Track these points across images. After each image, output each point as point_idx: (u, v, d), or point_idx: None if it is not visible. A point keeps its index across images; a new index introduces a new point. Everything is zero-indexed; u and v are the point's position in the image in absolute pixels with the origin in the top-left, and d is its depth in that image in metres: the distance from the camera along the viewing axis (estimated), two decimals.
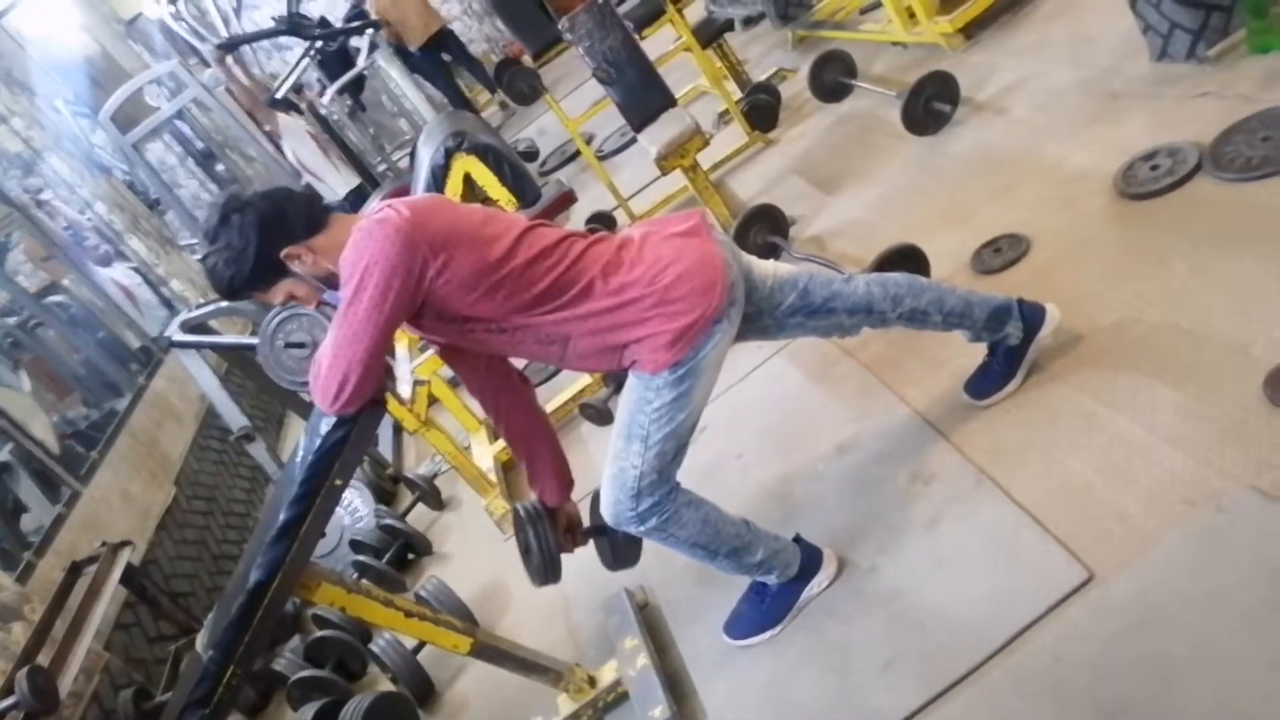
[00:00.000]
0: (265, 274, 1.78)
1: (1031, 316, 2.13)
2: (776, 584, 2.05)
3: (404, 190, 3.74)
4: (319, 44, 6.93)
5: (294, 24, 6.69)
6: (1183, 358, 1.97)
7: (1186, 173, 2.37)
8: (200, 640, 1.99)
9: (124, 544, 3.43)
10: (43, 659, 2.80)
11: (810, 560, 2.07)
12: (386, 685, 2.84)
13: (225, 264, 1.75)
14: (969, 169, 3.20)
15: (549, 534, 2.03)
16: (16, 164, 6.05)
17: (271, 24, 7.28)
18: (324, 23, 8.42)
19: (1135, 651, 1.56)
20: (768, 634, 2.07)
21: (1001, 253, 2.65)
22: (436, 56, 8.35)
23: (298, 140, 6.30)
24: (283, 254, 1.76)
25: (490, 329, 1.80)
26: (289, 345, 3.05)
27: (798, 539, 2.09)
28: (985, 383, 2.20)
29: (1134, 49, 2.93)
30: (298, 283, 1.80)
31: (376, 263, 1.64)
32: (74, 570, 3.31)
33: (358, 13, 8.33)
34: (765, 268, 1.97)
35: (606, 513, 1.92)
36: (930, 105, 3.49)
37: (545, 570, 2.05)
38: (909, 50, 4.31)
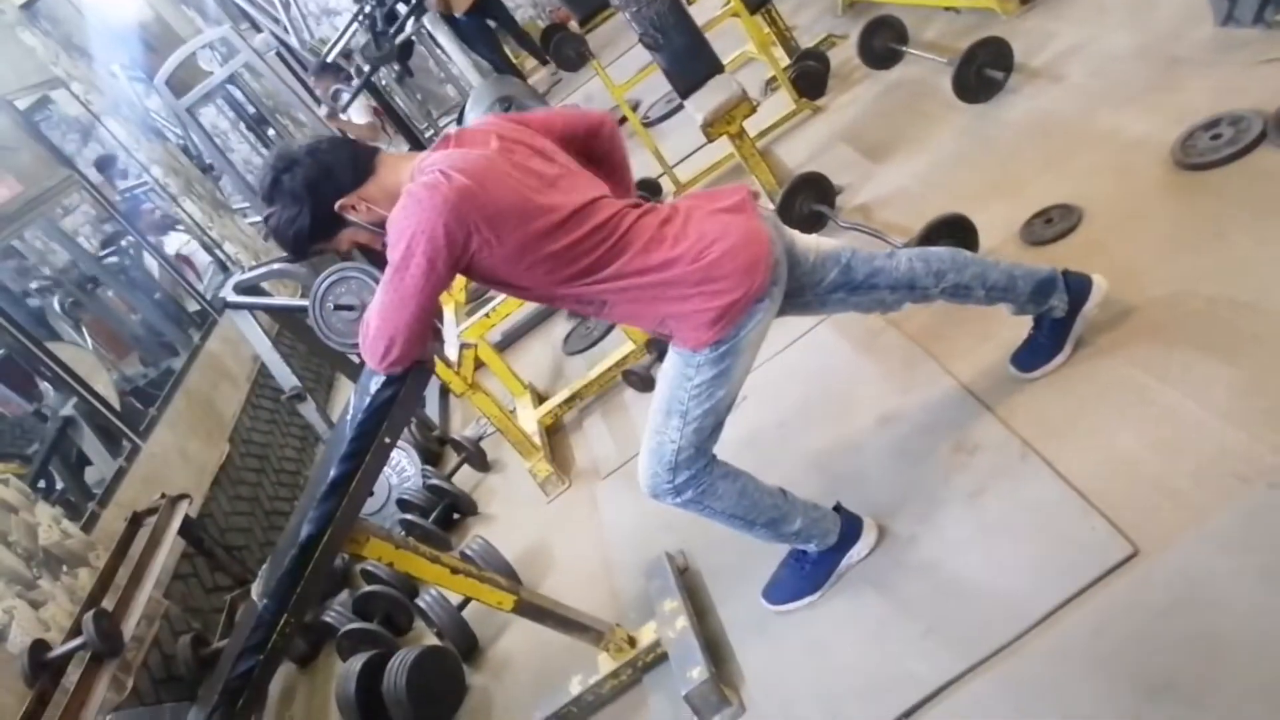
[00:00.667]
0: (325, 228, 1.83)
1: (1078, 288, 2.10)
2: (816, 551, 2.07)
3: None
4: (369, 9, 6.96)
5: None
6: (1239, 332, 1.93)
7: (1249, 142, 2.30)
8: (255, 589, 2.06)
9: (182, 497, 3.55)
10: (107, 604, 2.93)
11: (850, 528, 2.08)
12: (432, 640, 2.92)
13: (286, 224, 1.80)
14: (1021, 137, 3.13)
15: None
16: (75, 128, 6.19)
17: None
18: None
19: (1180, 628, 1.55)
20: (806, 600, 2.09)
21: (1053, 223, 2.61)
22: (481, 22, 8.33)
23: (362, 118, 6.38)
24: (336, 206, 1.80)
25: (531, 292, 1.85)
26: (338, 308, 3.10)
27: (838, 507, 2.10)
28: (1032, 356, 2.18)
29: (1197, 13, 2.84)
30: (358, 230, 1.85)
31: (423, 231, 1.66)
32: (135, 521, 3.44)
33: None
34: (808, 243, 1.97)
35: (644, 484, 1.95)
36: (983, 72, 3.41)
37: None
38: (962, 15, 4.21)
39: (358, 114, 6.34)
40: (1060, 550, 1.80)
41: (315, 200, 1.79)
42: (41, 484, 4.00)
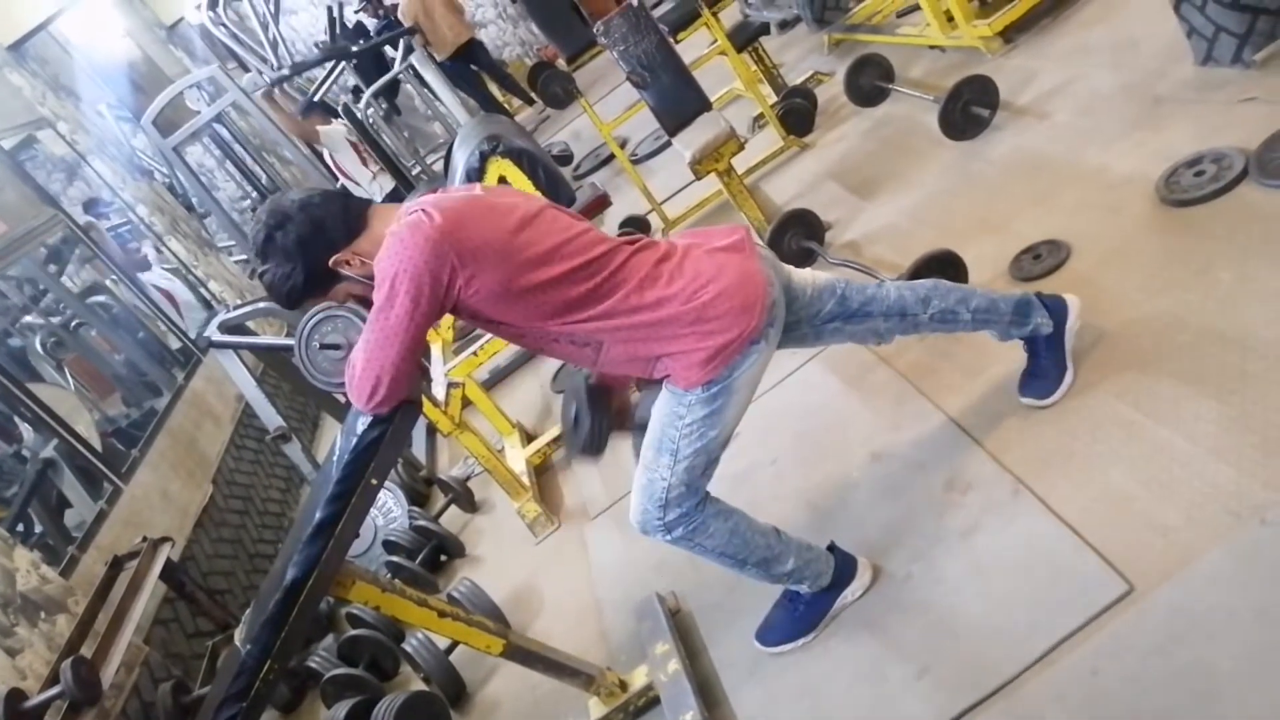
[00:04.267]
0: (318, 283, 1.83)
1: (1055, 307, 2.14)
2: (809, 592, 2.04)
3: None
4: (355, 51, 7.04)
5: (336, 50, 6.80)
6: (1227, 368, 1.94)
7: (1232, 179, 2.33)
8: (238, 635, 2.02)
9: (164, 540, 3.48)
10: (86, 651, 2.86)
11: (844, 568, 2.06)
12: (419, 685, 2.86)
13: (280, 281, 1.80)
14: (1008, 174, 3.16)
15: (605, 409, 2.03)
16: (61, 167, 6.19)
17: (310, 31, 7.38)
18: (360, 29, 8.51)
19: (1175, 665, 1.53)
20: (800, 642, 2.06)
21: (1041, 259, 2.62)
22: (465, 67, 8.42)
23: (339, 149, 6.39)
24: (330, 262, 1.80)
25: (522, 331, 1.82)
26: (324, 347, 3.07)
27: (832, 547, 2.08)
28: (1042, 382, 2.18)
29: (1178, 53, 2.89)
30: (352, 284, 1.84)
31: (406, 270, 1.66)
32: (115, 565, 3.37)
33: (388, 22, 8.42)
34: (804, 276, 1.98)
35: (634, 520, 1.93)
36: (968, 110, 3.46)
37: (592, 442, 2.04)
38: (947, 54, 4.28)
39: (341, 150, 6.36)
40: (1055, 588, 1.79)
41: (308, 258, 1.78)
42: (20, 527, 3.92)
